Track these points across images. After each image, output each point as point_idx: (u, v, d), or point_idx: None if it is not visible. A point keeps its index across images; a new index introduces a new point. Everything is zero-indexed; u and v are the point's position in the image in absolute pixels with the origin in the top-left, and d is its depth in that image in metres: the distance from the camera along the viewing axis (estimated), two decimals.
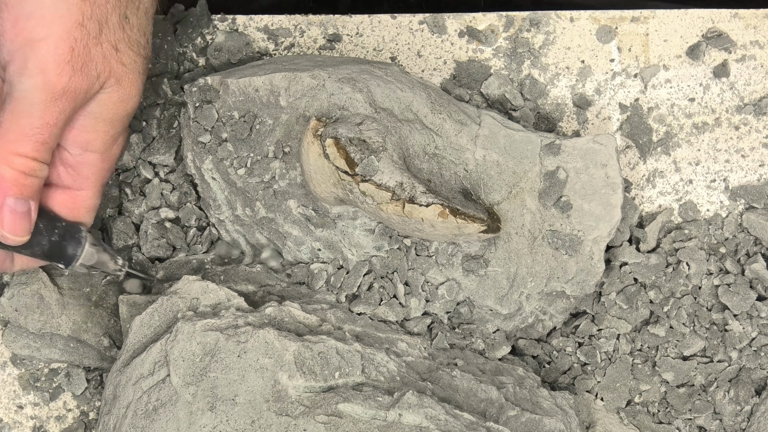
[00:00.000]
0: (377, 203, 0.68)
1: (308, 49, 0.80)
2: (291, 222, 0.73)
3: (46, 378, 0.76)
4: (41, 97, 0.62)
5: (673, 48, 0.80)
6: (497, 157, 0.72)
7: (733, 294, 0.75)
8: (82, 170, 0.68)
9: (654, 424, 0.75)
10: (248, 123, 0.72)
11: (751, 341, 0.75)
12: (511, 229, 0.73)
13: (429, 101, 0.72)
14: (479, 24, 0.80)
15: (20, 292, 0.74)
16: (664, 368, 0.74)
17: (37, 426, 0.76)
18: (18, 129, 0.63)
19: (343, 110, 0.70)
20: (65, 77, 0.63)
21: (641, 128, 0.79)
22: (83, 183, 0.68)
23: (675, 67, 0.80)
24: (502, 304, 0.73)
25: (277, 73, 0.71)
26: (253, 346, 0.65)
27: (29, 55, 0.62)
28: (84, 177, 0.68)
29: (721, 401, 0.74)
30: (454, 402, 0.67)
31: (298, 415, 0.63)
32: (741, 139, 0.79)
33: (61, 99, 0.63)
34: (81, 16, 0.63)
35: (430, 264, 0.72)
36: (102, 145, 0.67)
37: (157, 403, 0.65)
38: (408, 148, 0.71)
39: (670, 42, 0.80)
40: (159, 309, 0.69)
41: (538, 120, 0.79)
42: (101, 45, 0.64)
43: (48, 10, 0.62)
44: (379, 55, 0.80)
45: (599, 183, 0.72)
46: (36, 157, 0.63)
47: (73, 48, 0.63)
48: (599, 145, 0.73)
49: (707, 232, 0.78)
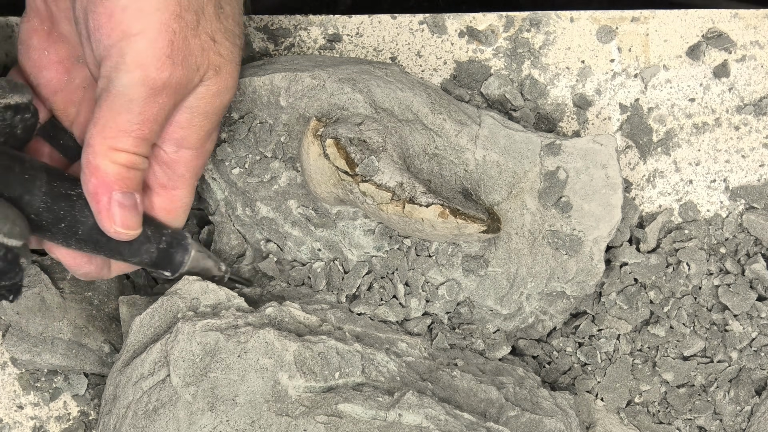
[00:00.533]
0: (377, 203, 0.68)
1: (308, 49, 0.80)
2: (291, 222, 0.73)
3: (46, 378, 0.76)
4: (141, 92, 0.60)
5: (673, 48, 0.80)
6: (497, 157, 0.72)
7: (733, 294, 0.75)
8: (177, 168, 0.66)
9: (654, 424, 0.75)
10: (247, 123, 0.72)
11: (751, 341, 0.75)
12: (511, 229, 0.72)
13: (429, 101, 0.72)
14: (479, 24, 0.80)
15: (22, 294, 0.74)
16: (664, 368, 0.74)
17: (37, 426, 0.76)
18: (117, 126, 0.61)
19: (343, 110, 0.70)
20: (166, 72, 0.61)
21: (641, 128, 0.79)
22: (178, 182, 0.67)
23: (675, 67, 0.80)
24: (503, 305, 0.73)
25: (277, 73, 0.71)
26: (253, 347, 0.65)
27: (126, 49, 0.60)
28: (179, 175, 0.66)
29: (721, 401, 0.74)
30: (454, 402, 0.67)
31: (299, 415, 0.63)
32: (741, 140, 0.79)
33: (161, 94, 0.61)
34: (178, 7, 0.61)
35: (430, 264, 0.72)
36: (197, 141, 0.66)
37: (158, 403, 0.65)
38: (408, 148, 0.71)
39: (670, 42, 0.80)
40: (159, 309, 0.68)
41: (538, 120, 0.79)
42: (199, 36, 0.62)
43: (145, 2, 0.60)
44: (379, 55, 0.80)
45: (599, 183, 0.72)
46: (137, 152, 0.62)
47: (172, 41, 0.61)
48: (599, 145, 0.72)
49: (707, 232, 0.78)
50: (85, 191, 0.62)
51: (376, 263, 0.72)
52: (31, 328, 0.73)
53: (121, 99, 0.60)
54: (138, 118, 0.61)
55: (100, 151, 0.61)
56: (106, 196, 0.62)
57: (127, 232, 0.63)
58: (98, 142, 0.61)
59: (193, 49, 0.62)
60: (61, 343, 0.74)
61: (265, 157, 0.72)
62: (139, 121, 0.61)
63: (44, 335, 0.74)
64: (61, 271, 0.75)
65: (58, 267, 0.75)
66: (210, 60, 0.63)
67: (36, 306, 0.74)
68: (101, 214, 0.62)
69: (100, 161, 0.61)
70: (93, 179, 0.61)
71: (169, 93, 0.61)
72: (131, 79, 0.60)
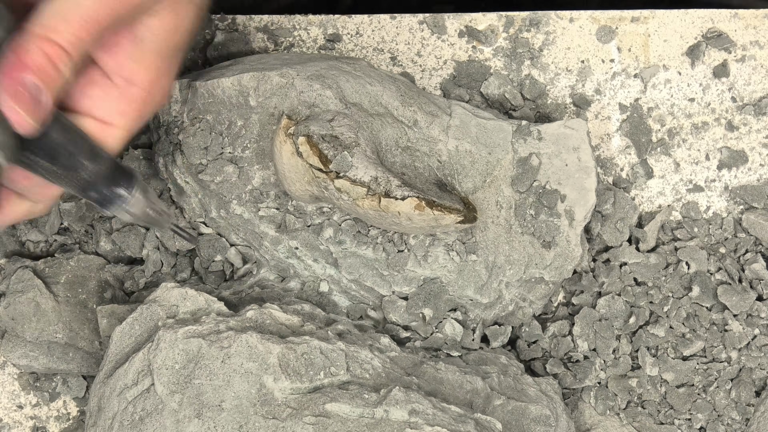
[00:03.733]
0: (353, 199, 0.68)
1: (308, 49, 0.79)
2: (267, 222, 0.73)
3: (46, 378, 0.76)
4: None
5: (673, 48, 0.80)
6: (469, 146, 0.72)
7: (733, 294, 0.75)
8: (120, 104, 0.62)
9: (655, 425, 0.75)
10: (222, 125, 0.71)
11: (751, 341, 0.75)
12: (488, 218, 0.73)
13: (399, 94, 0.72)
14: (479, 24, 0.80)
15: (16, 300, 0.73)
16: (664, 368, 0.75)
17: (37, 426, 0.76)
18: (59, 14, 0.57)
19: (313, 107, 0.70)
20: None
21: (641, 128, 0.79)
22: (116, 118, 0.62)
23: (675, 67, 0.80)
24: (482, 294, 0.73)
25: (245, 73, 0.71)
26: (236, 351, 0.64)
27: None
28: (119, 112, 0.62)
29: (721, 401, 0.75)
30: (440, 395, 0.67)
31: (286, 417, 0.63)
32: (741, 140, 0.79)
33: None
34: None
35: (407, 258, 0.72)
36: (146, 79, 0.62)
37: (143, 413, 0.64)
38: (380, 142, 0.71)
39: (670, 42, 0.80)
40: (139, 318, 0.68)
41: (537, 120, 0.79)
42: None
43: None
44: (380, 55, 0.79)
45: (573, 167, 0.72)
46: (68, 50, 0.57)
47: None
48: (571, 129, 0.73)
49: (707, 232, 0.78)
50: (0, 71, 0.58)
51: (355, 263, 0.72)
52: (27, 333, 0.73)
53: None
54: (84, 12, 0.57)
55: (32, 37, 0.57)
56: (18, 72, 0.57)
57: (26, 119, 0.57)
58: (35, 29, 0.57)
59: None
60: (57, 346, 0.73)
61: (237, 157, 0.72)
62: (84, 17, 0.57)
63: (40, 339, 0.73)
64: (54, 274, 0.75)
65: (50, 271, 0.75)
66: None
67: (30, 311, 0.73)
68: (5, 88, 0.57)
69: (30, 45, 0.57)
70: (12, 56, 0.57)
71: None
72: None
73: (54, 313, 0.74)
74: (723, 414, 0.75)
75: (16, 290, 0.74)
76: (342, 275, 0.72)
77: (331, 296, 0.73)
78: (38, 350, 0.73)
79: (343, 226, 0.72)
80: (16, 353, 0.73)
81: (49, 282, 0.75)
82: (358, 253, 0.72)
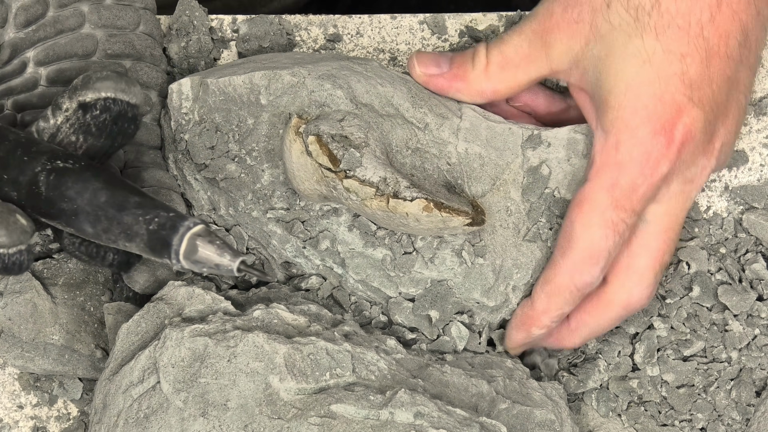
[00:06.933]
0: (361, 199, 0.68)
1: (308, 48, 0.79)
2: (275, 220, 0.73)
3: (46, 378, 0.76)
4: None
5: None
6: (479, 149, 0.72)
7: (733, 294, 0.75)
8: None
9: (657, 427, 0.75)
10: (231, 123, 0.71)
11: (751, 341, 0.75)
12: (496, 221, 0.73)
13: (409, 95, 0.72)
14: (479, 24, 0.80)
15: (13, 300, 0.73)
16: (664, 369, 0.75)
17: (37, 426, 0.76)
18: (625, 183, 0.53)
19: (324, 107, 0.70)
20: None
21: None
22: None
23: None
24: (489, 297, 0.73)
25: (256, 71, 0.71)
26: (242, 351, 0.64)
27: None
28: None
29: (721, 401, 0.75)
30: (446, 398, 0.67)
31: (291, 417, 0.63)
32: (741, 140, 0.79)
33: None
34: None
35: (414, 259, 0.72)
36: None
37: (148, 410, 0.64)
38: (390, 143, 0.71)
39: None
40: (145, 316, 0.68)
41: None
42: None
43: None
44: (380, 55, 0.79)
45: (582, 173, 0.72)
46: (626, 222, 0.56)
47: None
48: (580, 134, 0.73)
49: (707, 232, 0.78)
50: None
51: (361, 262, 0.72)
52: (23, 334, 0.73)
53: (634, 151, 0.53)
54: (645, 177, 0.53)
55: (593, 214, 0.53)
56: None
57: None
58: (599, 196, 0.53)
59: None
60: (54, 348, 0.73)
61: (246, 155, 0.72)
62: (645, 182, 0.53)
63: (36, 341, 0.73)
64: (52, 276, 0.75)
65: (49, 272, 0.75)
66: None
67: (27, 312, 0.73)
68: None
69: (583, 231, 0.54)
70: None
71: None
72: None
73: (51, 314, 0.74)
74: (723, 414, 0.75)
75: (13, 290, 0.74)
76: (349, 275, 0.72)
77: (338, 297, 0.73)
78: (34, 351, 0.73)
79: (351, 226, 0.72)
80: (12, 354, 0.73)
81: (47, 283, 0.74)
82: (366, 253, 0.72)
